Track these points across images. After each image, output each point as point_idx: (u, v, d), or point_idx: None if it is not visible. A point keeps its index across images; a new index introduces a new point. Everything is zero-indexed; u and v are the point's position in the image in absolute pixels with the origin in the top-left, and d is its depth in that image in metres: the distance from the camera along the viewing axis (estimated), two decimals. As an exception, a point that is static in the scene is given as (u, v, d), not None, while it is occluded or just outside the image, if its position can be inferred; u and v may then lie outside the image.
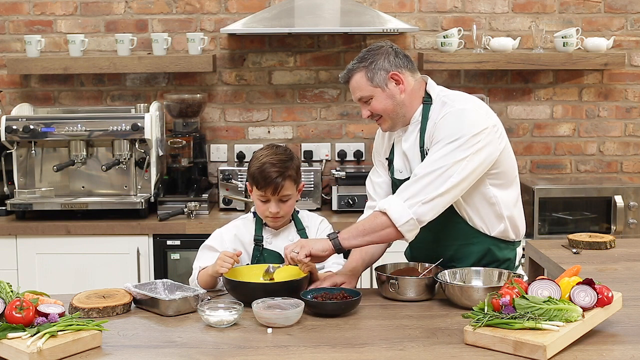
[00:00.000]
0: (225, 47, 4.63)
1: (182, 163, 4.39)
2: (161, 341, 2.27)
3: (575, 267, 2.46)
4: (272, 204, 2.77)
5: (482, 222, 2.72)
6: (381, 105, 2.67)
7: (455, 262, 2.75)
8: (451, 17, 4.62)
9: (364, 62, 2.66)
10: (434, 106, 2.69)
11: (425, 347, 2.19)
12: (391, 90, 2.66)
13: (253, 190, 2.81)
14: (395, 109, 2.68)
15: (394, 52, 2.69)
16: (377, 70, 2.65)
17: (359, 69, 2.67)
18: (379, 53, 2.67)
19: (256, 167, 2.77)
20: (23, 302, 2.18)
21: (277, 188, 2.74)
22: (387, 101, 2.67)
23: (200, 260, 2.84)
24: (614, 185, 4.32)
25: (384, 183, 2.89)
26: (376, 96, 2.66)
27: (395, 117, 2.70)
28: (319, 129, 4.68)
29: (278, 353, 2.16)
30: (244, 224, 2.90)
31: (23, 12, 4.58)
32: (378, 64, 2.65)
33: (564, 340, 2.12)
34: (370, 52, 2.69)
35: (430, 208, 2.55)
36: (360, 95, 2.68)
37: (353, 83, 2.69)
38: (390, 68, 2.65)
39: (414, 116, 2.71)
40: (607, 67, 4.52)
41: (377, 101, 2.67)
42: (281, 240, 2.84)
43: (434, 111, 2.68)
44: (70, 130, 4.15)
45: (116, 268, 4.04)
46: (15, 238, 4.05)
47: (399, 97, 2.67)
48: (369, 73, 2.65)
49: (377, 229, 2.58)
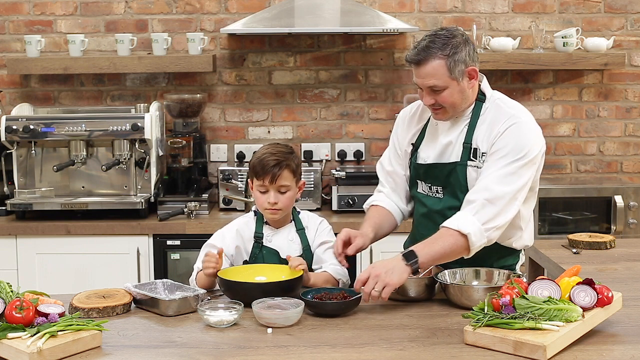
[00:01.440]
0: (225, 47, 4.63)
1: (182, 163, 4.39)
2: (161, 341, 2.27)
3: (575, 267, 2.46)
4: (271, 193, 2.77)
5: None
6: (451, 98, 2.62)
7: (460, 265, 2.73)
8: (451, 17, 4.62)
9: (446, 49, 2.56)
10: (487, 105, 2.69)
11: (425, 347, 2.19)
12: (464, 85, 2.62)
13: (253, 183, 2.82)
14: (461, 103, 2.65)
15: (470, 43, 2.63)
16: (458, 63, 2.57)
17: (439, 57, 2.56)
18: (460, 43, 2.58)
19: (256, 157, 2.81)
20: (23, 302, 2.18)
21: (274, 176, 2.75)
22: (458, 95, 2.62)
23: (200, 259, 2.85)
24: (614, 185, 4.32)
25: (394, 173, 2.91)
26: (450, 88, 2.60)
27: (457, 110, 2.67)
28: (319, 129, 4.68)
29: (278, 353, 2.16)
30: (245, 222, 2.91)
31: (23, 12, 4.58)
32: (460, 56, 2.57)
33: (564, 340, 2.12)
34: (449, 40, 2.58)
35: (499, 233, 2.60)
36: (434, 83, 2.59)
37: (429, 69, 2.58)
38: (469, 62, 2.60)
39: (467, 110, 2.69)
40: (607, 67, 4.52)
41: (449, 93, 2.60)
42: (280, 239, 2.85)
43: (488, 111, 2.67)
44: (70, 130, 4.15)
45: (116, 268, 4.04)
46: (15, 238, 4.05)
47: (467, 92, 2.65)
48: (451, 63, 2.57)
49: (455, 253, 2.56)
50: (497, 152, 2.60)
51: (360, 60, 4.64)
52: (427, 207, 2.79)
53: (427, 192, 2.79)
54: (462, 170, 2.67)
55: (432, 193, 2.78)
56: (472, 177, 2.66)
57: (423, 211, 2.82)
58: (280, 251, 2.81)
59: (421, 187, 2.81)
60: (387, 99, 4.65)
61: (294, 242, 2.85)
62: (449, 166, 2.70)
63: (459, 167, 2.68)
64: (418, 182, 2.82)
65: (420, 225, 2.84)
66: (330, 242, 2.85)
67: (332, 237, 2.89)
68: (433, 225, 2.68)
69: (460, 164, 2.68)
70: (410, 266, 2.49)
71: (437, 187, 2.75)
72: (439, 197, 2.75)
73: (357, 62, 4.64)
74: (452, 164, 2.69)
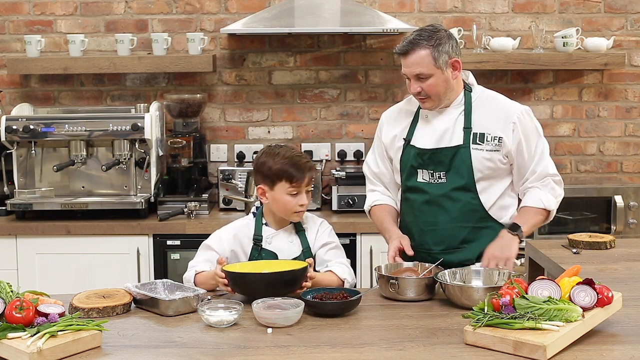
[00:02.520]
0: (225, 47, 4.63)
1: (182, 163, 4.39)
2: (161, 341, 2.27)
3: (575, 267, 2.46)
4: (303, 195, 2.79)
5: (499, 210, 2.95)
6: (437, 87, 2.84)
7: (467, 244, 2.91)
8: (451, 17, 4.62)
9: (431, 41, 2.80)
10: (476, 95, 2.94)
11: (425, 347, 2.19)
12: (448, 75, 2.84)
13: (278, 187, 2.76)
14: (445, 92, 2.87)
15: (453, 38, 2.86)
16: (442, 53, 2.81)
17: (425, 47, 2.80)
18: (443, 37, 2.82)
19: (283, 162, 2.76)
20: (23, 302, 2.18)
21: (311, 176, 2.81)
22: (442, 84, 2.84)
23: (196, 259, 2.86)
24: (614, 185, 4.32)
25: (381, 174, 3.10)
26: (435, 76, 2.82)
27: (442, 99, 2.88)
28: (319, 129, 4.68)
29: (278, 353, 2.16)
30: (244, 224, 2.90)
31: (23, 12, 4.58)
32: (444, 47, 2.81)
33: (564, 340, 2.12)
34: (434, 33, 2.82)
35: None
36: (420, 71, 2.81)
37: (416, 58, 2.80)
38: (452, 54, 2.84)
39: (456, 100, 2.91)
40: (607, 67, 4.52)
41: (434, 81, 2.82)
42: (280, 240, 2.84)
43: (479, 100, 2.93)
44: (70, 130, 4.15)
45: (116, 268, 4.04)
46: (15, 238, 4.06)
47: (451, 82, 2.87)
48: (436, 53, 2.80)
49: (540, 223, 2.99)
50: (527, 138, 2.90)
51: (360, 60, 4.64)
52: (429, 194, 2.92)
53: (429, 179, 2.93)
54: (465, 152, 2.87)
55: (434, 180, 2.92)
56: (478, 158, 2.88)
57: (424, 199, 2.94)
58: (280, 253, 2.81)
59: (421, 175, 2.94)
60: (387, 99, 4.65)
61: (293, 244, 2.84)
62: (452, 149, 2.89)
63: (463, 149, 2.88)
64: (418, 172, 2.94)
65: (422, 213, 2.95)
66: (333, 243, 2.87)
67: (334, 238, 2.90)
68: (438, 210, 2.91)
69: (463, 147, 2.88)
70: (517, 235, 2.84)
71: (440, 172, 2.91)
72: (442, 182, 2.90)
73: (357, 62, 4.64)
74: (455, 147, 2.88)
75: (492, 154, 2.88)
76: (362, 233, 4.08)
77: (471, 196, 2.90)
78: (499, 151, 2.88)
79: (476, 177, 2.88)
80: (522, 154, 2.90)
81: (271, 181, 2.77)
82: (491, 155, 2.88)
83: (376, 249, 4.05)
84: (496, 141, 2.87)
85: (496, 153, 2.88)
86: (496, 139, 2.87)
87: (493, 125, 2.88)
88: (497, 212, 2.94)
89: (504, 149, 2.88)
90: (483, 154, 2.88)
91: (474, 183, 2.89)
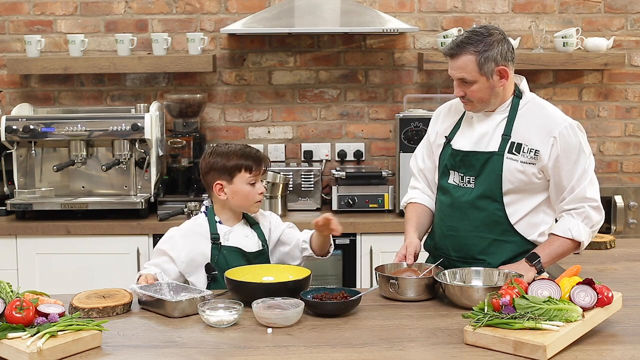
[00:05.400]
0: (225, 47, 4.63)
1: (182, 163, 4.39)
2: (161, 341, 2.27)
3: (575, 267, 2.46)
4: (260, 184, 2.86)
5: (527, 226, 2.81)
6: (480, 93, 2.74)
7: (486, 256, 2.80)
8: (451, 17, 4.62)
9: (479, 46, 2.70)
10: (525, 102, 2.81)
11: (425, 347, 2.19)
12: (494, 82, 2.73)
13: (237, 178, 2.82)
14: (489, 99, 2.77)
15: (506, 43, 2.75)
16: (489, 61, 2.70)
17: (471, 52, 2.70)
18: (493, 42, 2.71)
19: (238, 154, 2.84)
20: (23, 302, 2.18)
21: (266, 165, 2.88)
22: (487, 91, 2.74)
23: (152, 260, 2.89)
24: (614, 185, 4.32)
25: (426, 170, 3.02)
26: (479, 83, 2.72)
27: (486, 105, 2.79)
28: (319, 129, 4.68)
29: (278, 353, 2.16)
30: (197, 224, 2.90)
31: (23, 12, 4.58)
32: (491, 54, 2.69)
33: (564, 340, 2.12)
34: (483, 37, 2.71)
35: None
36: (464, 76, 2.72)
37: (460, 63, 2.72)
38: (500, 61, 2.72)
39: (502, 105, 2.81)
40: (607, 67, 4.52)
41: (478, 88, 2.73)
42: (237, 236, 2.86)
43: (527, 108, 2.80)
44: (70, 130, 4.15)
45: (116, 268, 4.04)
46: (15, 238, 4.05)
47: (497, 89, 2.75)
48: (481, 60, 2.69)
49: (568, 253, 2.81)
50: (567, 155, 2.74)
51: (360, 60, 4.64)
52: (454, 198, 2.85)
53: (459, 182, 2.85)
54: (498, 160, 2.76)
55: (463, 184, 2.83)
56: (510, 168, 2.75)
57: (449, 201, 2.87)
58: (243, 248, 2.83)
59: (453, 177, 2.87)
60: (387, 99, 4.65)
61: (249, 238, 2.87)
62: (486, 155, 2.79)
63: (496, 156, 2.77)
64: (450, 173, 2.87)
65: (446, 217, 2.88)
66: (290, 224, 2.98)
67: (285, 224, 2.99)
68: (460, 216, 2.81)
69: (497, 154, 2.77)
70: (534, 266, 2.70)
71: (470, 176, 2.82)
72: (470, 187, 2.82)
73: (357, 62, 4.64)
74: (489, 153, 2.78)
75: (526, 167, 2.74)
76: (362, 233, 4.08)
77: (497, 207, 2.77)
78: (534, 164, 2.74)
79: (505, 187, 2.75)
80: (559, 171, 2.74)
81: (229, 175, 2.83)
82: (525, 167, 2.74)
83: (376, 249, 4.05)
84: (532, 154, 2.73)
85: (530, 166, 2.74)
86: (532, 151, 2.73)
87: (533, 137, 2.75)
88: (525, 228, 2.80)
89: (539, 163, 2.74)
90: (516, 165, 2.74)
91: (501, 194, 2.76)
